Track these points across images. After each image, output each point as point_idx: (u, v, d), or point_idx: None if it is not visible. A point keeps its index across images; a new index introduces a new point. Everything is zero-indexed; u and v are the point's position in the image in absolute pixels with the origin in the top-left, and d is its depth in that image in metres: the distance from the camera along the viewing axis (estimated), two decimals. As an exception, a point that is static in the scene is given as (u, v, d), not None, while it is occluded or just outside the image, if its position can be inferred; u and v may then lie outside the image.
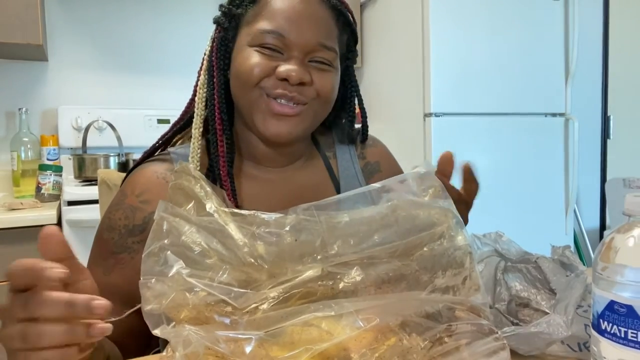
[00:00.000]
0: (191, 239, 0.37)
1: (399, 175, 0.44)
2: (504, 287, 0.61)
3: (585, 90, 2.51)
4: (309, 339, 0.34)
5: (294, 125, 0.68)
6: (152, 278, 0.35)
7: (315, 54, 0.67)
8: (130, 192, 0.68)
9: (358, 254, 0.39)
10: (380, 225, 0.41)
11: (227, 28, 0.70)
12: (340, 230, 0.40)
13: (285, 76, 0.64)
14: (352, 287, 0.38)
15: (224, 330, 0.34)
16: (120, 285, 0.64)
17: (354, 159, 0.83)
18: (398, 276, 0.40)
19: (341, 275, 0.38)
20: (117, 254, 0.66)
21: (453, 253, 0.41)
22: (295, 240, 0.39)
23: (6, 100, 1.94)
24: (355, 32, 0.75)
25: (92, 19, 2.07)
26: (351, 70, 0.78)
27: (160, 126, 2.09)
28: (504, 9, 1.93)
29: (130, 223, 0.66)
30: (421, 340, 0.38)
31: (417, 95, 1.88)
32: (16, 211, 1.48)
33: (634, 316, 0.40)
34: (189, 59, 2.06)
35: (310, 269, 0.37)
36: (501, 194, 1.96)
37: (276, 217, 0.40)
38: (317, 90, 0.68)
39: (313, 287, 0.37)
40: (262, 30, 0.66)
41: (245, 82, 0.67)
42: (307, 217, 0.40)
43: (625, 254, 0.41)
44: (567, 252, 0.62)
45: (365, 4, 2.25)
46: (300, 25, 0.65)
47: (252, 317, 0.34)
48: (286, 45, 0.66)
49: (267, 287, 0.36)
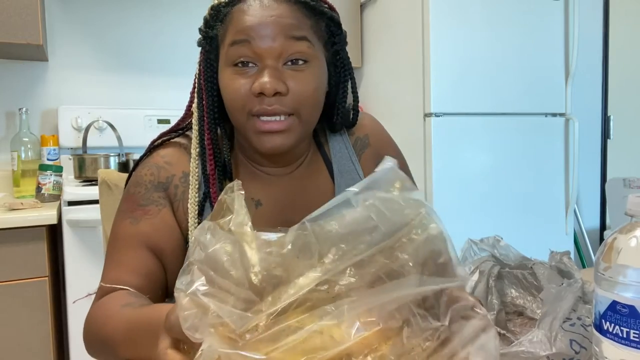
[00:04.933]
0: (217, 254, 0.39)
1: (370, 175, 0.45)
2: (495, 296, 0.60)
3: (585, 90, 2.51)
4: (314, 346, 0.35)
5: (286, 137, 0.68)
6: (181, 291, 0.37)
7: (288, 53, 0.66)
8: (156, 154, 0.74)
9: (351, 258, 0.40)
10: (364, 226, 0.42)
11: (209, 50, 0.71)
12: (331, 239, 0.41)
13: (260, 90, 0.65)
14: (348, 290, 0.39)
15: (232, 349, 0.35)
16: (148, 233, 0.68)
17: (345, 139, 0.83)
18: (388, 272, 0.40)
19: (335, 280, 0.39)
20: (144, 206, 0.70)
21: (431, 242, 0.41)
22: (297, 258, 0.40)
23: (6, 100, 1.94)
24: (333, 17, 0.73)
25: (92, 19, 2.07)
26: (342, 54, 0.76)
27: (160, 126, 2.09)
28: (504, 9, 1.93)
29: (156, 179, 0.71)
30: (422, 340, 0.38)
31: (417, 95, 1.88)
32: (16, 211, 1.48)
33: (636, 316, 0.40)
34: (189, 59, 2.06)
35: (308, 284, 0.38)
36: (501, 194, 1.96)
37: (277, 236, 0.42)
38: (296, 97, 0.67)
39: (309, 294, 0.38)
40: (231, 42, 0.66)
41: (231, 108, 0.69)
42: (303, 232, 0.42)
43: (628, 255, 0.41)
44: (564, 258, 0.62)
45: (365, 4, 2.25)
46: (265, 27, 0.65)
47: (253, 338, 0.35)
48: (257, 54, 0.65)
49: (268, 307, 0.38)
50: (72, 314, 1.53)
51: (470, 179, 1.90)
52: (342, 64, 0.76)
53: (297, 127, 0.69)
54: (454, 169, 1.87)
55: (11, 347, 1.45)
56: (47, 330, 1.49)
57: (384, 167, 0.46)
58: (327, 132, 0.83)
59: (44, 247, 1.47)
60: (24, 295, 1.45)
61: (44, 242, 1.47)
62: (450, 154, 1.86)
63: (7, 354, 1.45)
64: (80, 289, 1.53)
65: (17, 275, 1.44)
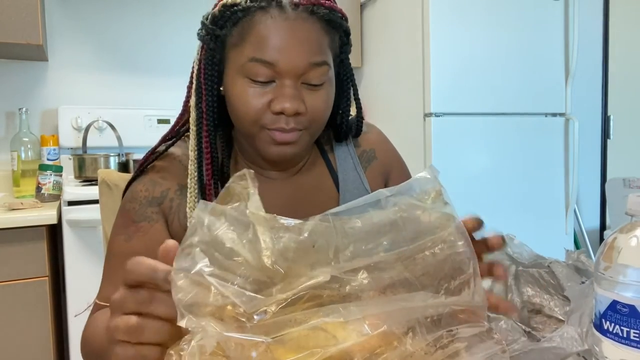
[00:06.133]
0: (223, 236, 0.38)
1: (406, 181, 0.45)
2: (516, 294, 0.60)
3: (585, 90, 2.51)
4: (315, 342, 0.35)
5: (295, 148, 0.69)
6: (181, 272, 0.36)
7: (307, 75, 0.66)
8: (151, 168, 0.74)
9: (368, 258, 0.39)
10: (389, 230, 0.41)
11: (214, 49, 0.69)
12: (353, 236, 0.40)
13: (281, 110, 0.65)
14: (359, 291, 0.38)
15: (234, 332, 0.34)
16: (139, 251, 0.67)
17: (351, 150, 0.83)
18: (402, 280, 0.40)
19: (348, 279, 0.38)
20: (137, 222, 0.70)
21: (455, 258, 0.41)
22: (313, 247, 0.40)
23: (6, 100, 1.94)
24: (347, 29, 0.73)
25: (92, 19, 2.07)
26: (346, 62, 0.76)
27: (161, 126, 2.09)
28: (504, 9, 1.93)
29: (150, 195, 0.71)
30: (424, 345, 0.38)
31: (417, 95, 1.88)
32: (16, 211, 1.48)
33: (637, 316, 0.40)
34: (189, 59, 2.06)
35: (321, 274, 0.37)
36: (501, 194, 1.96)
37: (295, 223, 0.40)
38: (311, 115, 0.68)
39: (320, 290, 0.37)
40: (252, 59, 0.64)
41: (242, 119, 0.68)
42: (324, 223, 0.41)
43: (628, 254, 0.41)
44: (582, 257, 0.61)
45: (365, 4, 2.25)
46: (290, 50, 0.64)
47: (260, 322, 0.35)
48: (277, 72, 0.65)
49: (278, 293, 0.36)
50: (72, 314, 1.53)
51: (470, 179, 1.90)
52: (345, 72, 0.77)
53: (307, 139, 0.70)
54: (453, 169, 1.87)
55: (11, 347, 1.45)
56: (47, 330, 1.49)
57: (422, 175, 0.45)
58: (333, 142, 0.83)
59: (44, 247, 1.47)
60: (24, 295, 1.45)
61: (44, 242, 1.47)
62: (450, 154, 1.86)
63: (7, 354, 1.45)
64: (80, 289, 1.53)
65: (17, 275, 1.44)
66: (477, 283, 0.41)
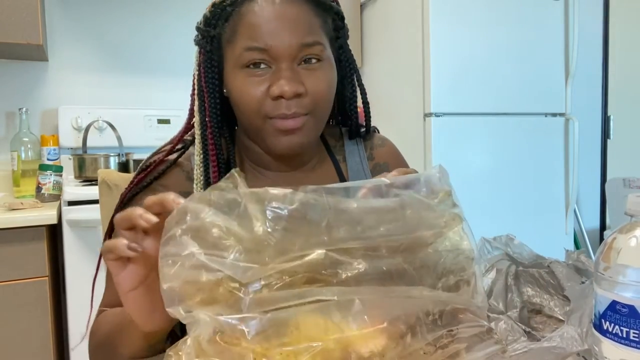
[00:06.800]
0: (210, 222, 0.38)
1: (412, 174, 0.44)
2: (516, 294, 0.60)
3: (585, 90, 2.51)
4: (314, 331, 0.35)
5: (303, 136, 0.69)
6: (169, 259, 0.36)
7: (302, 55, 0.67)
8: (152, 176, 0.73)
9: (363, 241, 0.39)
10: (387, 217, 0.40)
11: (211, 50, 0.70)
12: (347, 215, 0.39)
13: (279, 94, 0.65)
14: (355, 278, 0.38)
15: (229, 311, 0.34)
16: None
17: (364, 162, 0.83)
18: (401, 271, 0.40)
19: (345, 265, 0.38)
20: None
21: (457, 257, 0.41)
22: (305, 218, 0.39)
23: (6, 100, 1.94)
24: (339, 11, 0.73)
25: (92, 19, 2.07)
26: (345, 47, 0.76)
27: (160, 126, 2.09)
28: (504, 9, 1.93)
29: None
30: (424, 344, 0.38)
31: (417, 95, 1.88)
32: (16, 211, 1.48)
33: (636, 316, 0.40)
34: (190, 59, 2.06)
35: (315, 251, 0.37)
36: (501, 194, 1.96)
37: (285, 192, 0.40)
38: (313, 96, 0.68)
39: (317, 274, 0.37)
40: (245, 48, 0.65)
41: (245, 111, 0.68)
42: (316, 197, 0.40)
43: (628, 254, 0.41)
44: (582, 257, 0.61)
45: (365, 4, 2.25)
46: (280, 33, 0.65)
47: (257, 296, 0.34)
48: (272, 57, 0.65)
49: (273, 263, 0.36)
50: (72, 314, 1.53)
51: (470, 179, 1.90)
52: (346, 58, 0.76)
53: (312, 125, 0.70)
54: (453, 169, 1.85)
55: (11, 347, 1.45)
56: (47, 330, 1.49)
57: (431, 172, 0.44)
58: (346, 153, 0.83)
59: (44, 247, 1.47)
60: (24, 295, 1.45)
61: (44, 242, 1.47)
62: (450, 154, 1.86)
63: (7, 354, 1.45)
64: (80, 288, 1.53)
65: (17, 275, 1.44)
66: (477, 283, 0.41)
